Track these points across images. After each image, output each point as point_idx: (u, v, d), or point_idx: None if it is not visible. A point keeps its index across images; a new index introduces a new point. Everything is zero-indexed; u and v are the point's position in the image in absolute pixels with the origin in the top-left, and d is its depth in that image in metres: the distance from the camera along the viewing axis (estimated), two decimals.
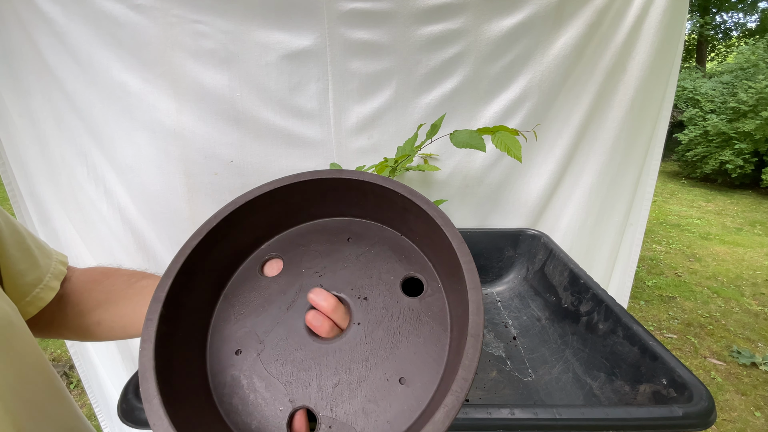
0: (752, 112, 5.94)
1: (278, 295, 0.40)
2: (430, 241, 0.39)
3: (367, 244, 0.43)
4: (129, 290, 0.50)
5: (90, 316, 0.49)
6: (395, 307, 0.38)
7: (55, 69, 0.87)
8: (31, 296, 0.43)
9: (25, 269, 0.43)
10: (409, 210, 0.39)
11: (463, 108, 0.97)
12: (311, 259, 0.42)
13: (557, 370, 0.67)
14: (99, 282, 0.51)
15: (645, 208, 1.15)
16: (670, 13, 0.91)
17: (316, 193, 0.43)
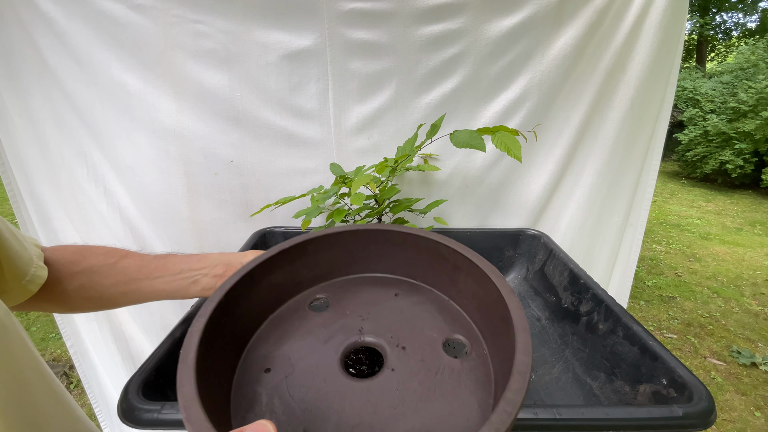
0: (752, 112, 5.94)
1: (319, 329, 0.41)
2: (478, 303, 0.40)
3: (414, 302, 0.44)
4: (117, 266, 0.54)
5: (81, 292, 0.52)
6: (434, 363, 0.37)
7: (55, 69, 0.87)
8: (30, 275, 0.45)
9: (19, 249, 0.44)
10: (459, 267, 0.41)
11: (463, 108, 0.97)
12: (358, 304, 0.44)
13: (557, 370, 0.67)
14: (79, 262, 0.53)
15: (645, 208, 1.15)
16: (670, 13, 0.91)
17: (375, 244, 0.47)
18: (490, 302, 0.37)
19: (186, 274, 0.58)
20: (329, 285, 0.48)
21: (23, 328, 0.44)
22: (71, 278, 0.52)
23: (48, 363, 2.29)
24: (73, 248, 0.55)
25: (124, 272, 0.55)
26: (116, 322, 1.11)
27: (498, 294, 0.35)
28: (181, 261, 0.59)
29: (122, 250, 0.57)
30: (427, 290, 0.46)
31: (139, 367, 0.51)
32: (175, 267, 0.58)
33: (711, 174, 6.49)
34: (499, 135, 0.57)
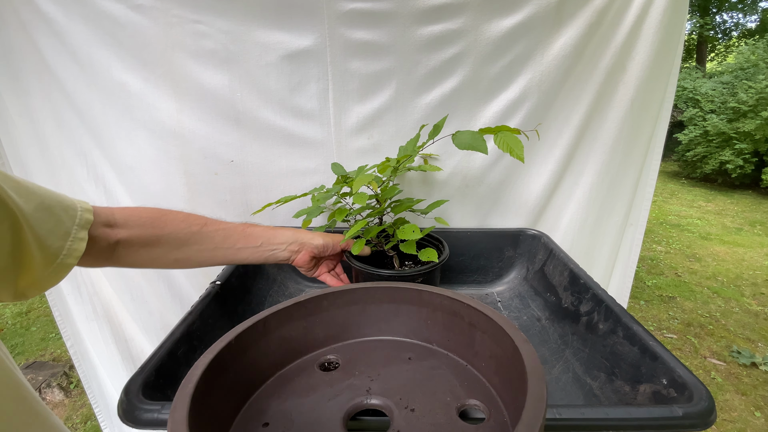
0: (752, 112, 5.94)
1: (325, 387, 0.41)
2: (497, 363, 0.38)
3: (428, 366, 0.42)
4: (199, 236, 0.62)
5: (168, 256, 0.60)
6: (447, 428, 0.34)
7: (55, 69, 0.87)
8: (66, 249, 0.46)
9: (52, 227, 0.44)
10: (475, 325, 0.40)
11: (463, 108, 0.97)
12: (368, 366, 0.43)
13: (557, 370, 0.67)
14: (162, 227, 0.59)
15: (645, 208, 1.15)
16: (670, 13, 0.91)
17: (390, 303, 0.46)
18: (507, 360, 0.35)
19: (266, 247, 0.68)
20: (341, 346, 0.47)
21: (6, 350, 0.44)
22: (152, 243, 0.57)
23: (48, 363, 2.29)
24: (150, 211, 0.60)
25: (211, 240, 0.63)
26: (116, 322, 1.11)
27: (514, 347, 0.34)
28: (260, 234, 0.68)
29: (198, 216, 0.64)
30: (443, 354, 0.44)
31: (140, 367, 0.51)
32: (257, 240, 0.67)
33: (711, 174, 6.49)
34: (501, 135, 0.57)
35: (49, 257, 0.44)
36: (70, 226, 0.47)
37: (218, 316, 0.70)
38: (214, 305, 0.70)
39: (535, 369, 0.31)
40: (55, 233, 0.45)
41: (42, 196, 0.44)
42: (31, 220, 0.41)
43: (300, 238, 0.71)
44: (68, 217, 0.47)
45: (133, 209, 0.59)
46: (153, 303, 1.08)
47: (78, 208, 0.49)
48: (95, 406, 1.25)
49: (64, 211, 0.46)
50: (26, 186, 0.43)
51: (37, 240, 0.42)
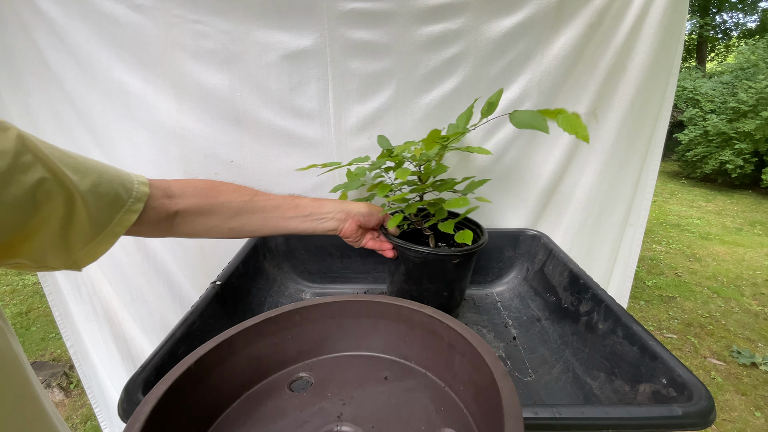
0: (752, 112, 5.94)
1: (294, 412, 0.38)
2: (475, 390, 0.36)
3: (405, 387, 0.40)
4: (251, 205, 0.65)
5: (223, 225, 0.63)
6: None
7: (55, 69, 0.87)
8: (117, 219, 0.49)
9: (109, 200, 0.48)
10: (455, 347, 0.38)
11: (463, 108, 0.96)
12: (342, 386, 0.40)
13: (557, 370, 0.67)
14: (216, 196, 0.63)
15: (645, 208, 1.15)
16: (670, 13, 0.91)
17: (367, 317, 0.44)
18: (486, 388, 0.33)
19: (314, 217, 0.70)
20: (315, 363, 0.44)
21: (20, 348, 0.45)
22: (207, 212, 0.61)
23: (48, 363, 2.29)
24: (204, 182, 0.64)
25: (262, 209, 0.66)
26: (116, 322, 1.11)
27: (492, 378, 0.31)
28: (308, 204, 0.71)
29: (248, 188, 0.68)
30: (420, 374, 0.42)
31: (140, 367, 0.51)
32: (305, 210, 0.70)
33: (711, 174, 6.49)
34: (564, 117, 0.54)
35: (100, 227, 0.48)
36: (126, 198, 0.50)
37: (218, 316, 0.70)
38: (215, 305, 0.70)
39: (512, 408, 0.28)
40: (111, 206, 0.49)
41: (100, 171, 0.48)
42: (87, 195, 0.45)
43: (345, 208, 0.73)
44: (125, 190, 0.51)
45: (188, 180, 0.63)
46: (153, 303, 1.08)
47: (135, 181, 0.53)
48: (95, 406, 1.25)
49: (120, 184, 0.50)
50: (84, 162, 0.47)
51: (91, 213, 0.46)
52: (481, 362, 0.34)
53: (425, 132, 0.98)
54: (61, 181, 0.42)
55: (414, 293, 0.74)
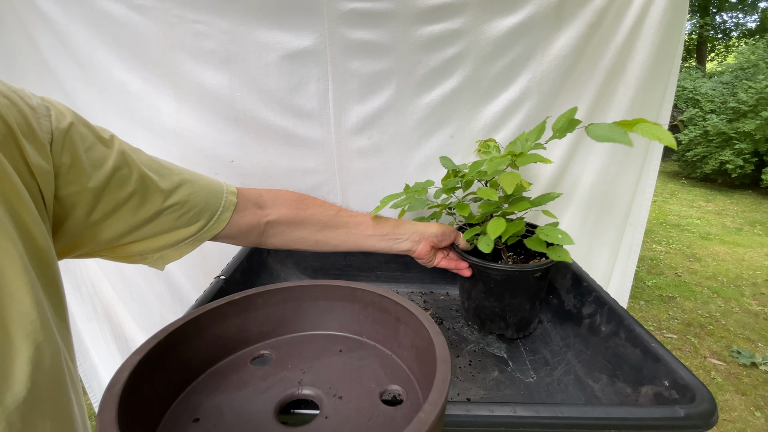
0: (752, 112, 5.94)
1: (258, 381, 0.41)
2: (416, 352, 0.42)
3: (357, 357, 0.46)
4: (336, 220, 0.68)
5: (311, 237, 0.66)
6: (369, 411, 0.38)
7: (55, 69, 0.87)
8: (207, 227, 0.54)
9: (198, 209, 0.52)
10: (400, 319, 0.44)
11: (463, 108, 0.97)
12: (301, 359, 0.45)
13: (559, 371, 0.67)
14: (305, 209, 0.66)
15: (645, 208, 1.15)
16: (670, 13, 0.91)
17: (324, 300, 0.49)
18: (424, 349, 0.39)
19: (391, 236, 0.73)
20: (275, 342, 0.48)
21: None
22: (298, 223, 0.64)
23: None
24: (293, 194, 0.67)
25: (345, 225, 0.69)
26: (116, 322, 1.11)
27: (429, 339, 0.38)
28: (385, 224, 0.73)
29: (331, 203, 0.70)
30: (371, 346, 0.47)
31: None
32: (383, 229, 0.73)
33: (711, 174, 6.49)
34: (643, 126, 0.53)
35: (188, 233, 0.52)
36: (216, 207, 0.54)
37: None
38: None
39: (443, 356, 0.35)
40: (200, 213, 0.52)
41: (191, 180, 0.52)
42: (176, 203, 0.49)
43: (420, 230, 0.75)
44: (215, 199, 0.54)
45: (278, 191, 0.65)
46: (153, 303, 1.08)
47: (224, 190, 0.56)
48: (95, 406, 1.25)
49: (211, 193, 0.54)
50: (180, 173, 0.51)
51: (178, 220, 0.50)
52: (421, 327, 0.40)
53: (425, 132, 0.98)
54: (152, 192, 0.46)
55: (496, 309, 0.75)
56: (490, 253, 0.78)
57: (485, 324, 0.78)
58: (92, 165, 0.41)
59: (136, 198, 0.45)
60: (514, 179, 0.60)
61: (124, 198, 0.44)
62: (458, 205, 0.76)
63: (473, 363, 0.70)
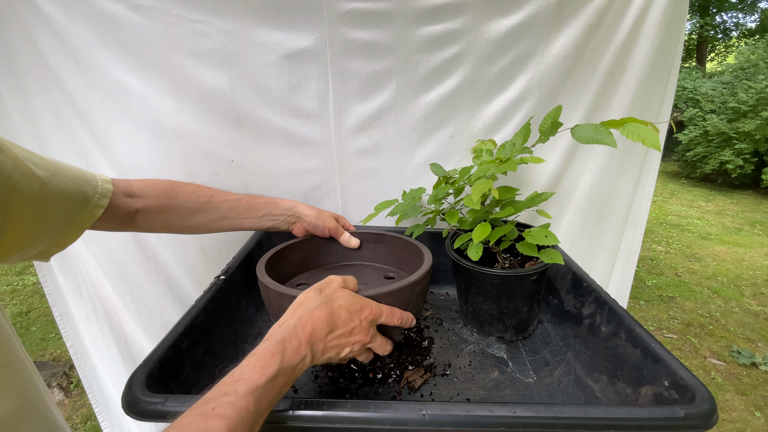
0: (752, 112, 5.94)
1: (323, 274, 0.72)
2: (409, 266, 0.74)
3: (380, 270, 0.83)
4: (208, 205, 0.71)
5: (181, 222, 0.69)
6: (378, 283, 0.77)
7: (55, 69, 0.87)
8: (83, 214, 0.53)
9: (75, 196, 0.52)
10: (412, 251, 0.76)
11: (463, 108, 0.97)
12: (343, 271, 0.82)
13: (559, 372, 0.67)
14: (174, 197, 0.68)
15: (645, 208, 1.15)
16: (670, 13, 0.91)
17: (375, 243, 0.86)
18: (416, 262, 0.71)
19: (268, 217, 0.78)
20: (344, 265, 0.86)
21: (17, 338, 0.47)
22: (166, 210, 0.66)
23: (48, 363, 2.29)
24: (164, 183, 0.68)
25: (218, 210, 0.72)
26: (116, 322, 1.11)
27: (422, 257, 0.70)
28: (262, 206, 0.77)
29: (207, 188, 0.72)
30: (390, 269, 0.83)
31: (144, 360, 0.51)
32: (259, 211, 0.77)
33: (711, 174, 6.49)
34: (630, 126, 0.52)
35: (68, 220, 0.52)
36: (92, 195, 0.54)
37: (222, 310, 0.70)
38: (218, 299, 0.70)
39: (427, 261, 0.67)
40: (78, 201, 0.52)
41: (66, 169, 0.51)
42: (53, 190, 0.48)
43: (297, 211, 0.80)
44: (90, 187, 0.54)
45: (149, 181, 0.66)
46: (153, 303, 1.08)
47: (98, 179, 0.56)
48: (95, 406, 1.25)
49: (86, 182, 0.54)
50: (52, 162, 0.49)
51: (58, 207, 0.49)
52: (420, 253, 0.72)
53: (425, 132, 0.98)
54: (28, 177, 0.44)
55: (494, 311, 0.74)
56: (488, 257, 0.80)
57: (484, 327, 0.78)
58: None
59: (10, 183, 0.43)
60: (483, 187, 0.59)
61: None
62: (448, 213, 0.76)
63: (473, 363, 0.70)
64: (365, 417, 0.43)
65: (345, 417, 0.43)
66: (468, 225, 0.75)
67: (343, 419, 0.43)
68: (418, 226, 0.81)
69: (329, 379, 0.66)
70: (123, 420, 1.24)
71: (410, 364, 0.69)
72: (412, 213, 0.81)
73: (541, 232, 0.65)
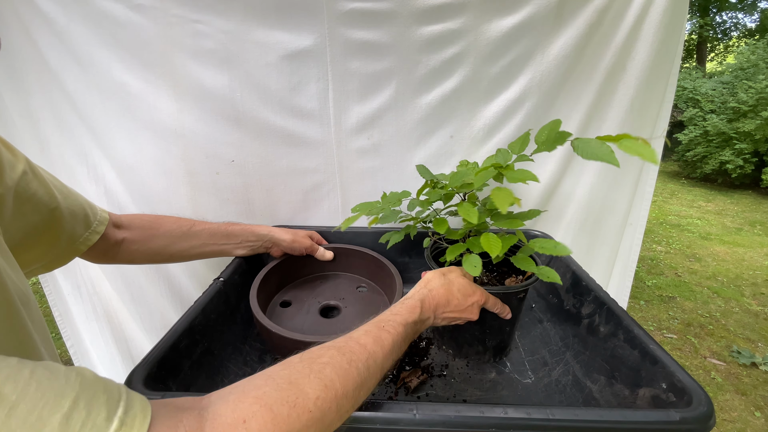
0: (752, 112, 5.93)
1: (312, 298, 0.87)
2: (384, 284, 0.89)
3: (356, 284, 0.93)
4: (189, 233, 0.75)
5: (164, 251, 0.72)
6: (353, 296, 0.87)
7: (55, 69, 0.87)
8: (83, 237, 0.57)
9: (80, 220, 0.56)
10: (381, 267, 0.89)
11: (463, 108, 0.97)
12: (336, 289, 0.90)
13: (557, 372, 0.67)
14: (158, 227, 0.71)
15: (645, 208, 1.15)
16: (670, 13, 0.91)
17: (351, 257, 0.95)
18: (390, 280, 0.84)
19: (245, 243, 0.83)
20: (323, 275, 0.95)
21: None
22: (150, 240, 0.70)
23: None
24: (149, 216, 0.73)
25: (198, 237, 0.76)
26: (116, 322, 1.11)
27: (392, 276, 0.83)
28: (239, 233, 0.82)
29: (187, 219, 0.76)
30: (370, 283, 0.93)
31: (143, 359, 0.52)
32: (236, 237, 0.81)
33: (711, 174, 6.48)
34: (626, 142, 0.51)
35: (70, 241, 0.55)
36: (93, 220, 0.59)
37: (220, 311, 0.70)
38: (217, 301, 0.70)
39: (399, 283, 0.80)
40: (81, 223, 0.56)
41: (74, 194, 0.56)
42: (66, 213, 0.52)
43: (273, 237, 0.85)
44: (92, 213, 0.59)
45: (135, 215, 0.71)
46: (153, 303, 1.08)
47: (98, 209, 0.62)
48: None
49: (90, 209, 0.59)
50: (65, 186, 0.55)
51: (67, 229, 0.53)
52: (391, 276, 0.84)
53: (425, 132, 0.98)
54: (50, 196, 0.50)
55: (476, 332, 0.69)
56: None
57: (462, 348, 0.72)
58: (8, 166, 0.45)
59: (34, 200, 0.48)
60: (508, 197, 0.53)
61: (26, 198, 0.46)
62: (436, 221, 0.68)
63: (470, 364, 0.70)
64: (356, 416, 0.43)
65: None
66: (458, 235, 0.69)
67: None
68: (396, 233, 0.75)
69: None
70: None
71: (407, 364, 0.69)
72: (391, 217, 0.72)
73: (550, 242, 0.61)
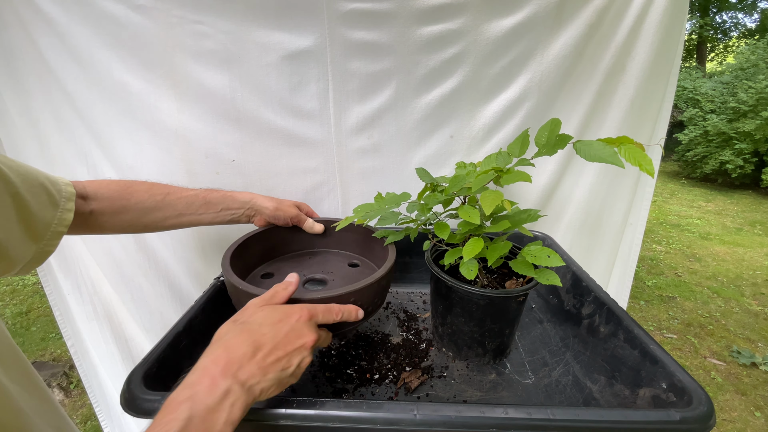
0: (752, 112, 5.93)
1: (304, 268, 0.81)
2: (376, 257, 0.79)
3: (351, 258, 0.84)
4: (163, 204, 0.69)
5: (137, 222, 0.68)
6: (343, 272, 0.79)
7: (56, 69, 0.87)
8: (57, 219, 0.52)
9: (45, 200, 0.50)
10: (376, 242, 0.77)
11: (463, 108, 0.97)
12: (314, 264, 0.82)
13: (557, 372, 0.67)
14: (128, 197, 0.66)
15: (645, 208, 1.15)
16: (670, 13, 0.91)
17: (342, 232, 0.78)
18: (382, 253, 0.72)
19: (226, 212, 0.76)
20: (315, 252, 0.87)
21: None
22: (120, 211, 0.65)
23: (48, 363, 2.29)
24: (117, 184, 0.66)
25: (173, 207, 0.70)
26: (116, 322, 1.11)
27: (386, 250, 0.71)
28: (219, 201, 0.75)
29: (162, 185, 0.71)
30: (364, 260, 0.83)
31: (143, 359, 0.52)
32: (216, 206, 0.75)
33: (711, 174, 6.48)
34: (627, 148, 0.50)
35: (44, 227, 0.50)
36: (59, 198, 0.53)
37: (221, 311, 0.70)
38: (217, 300, 0.70)
39: (391, 257, 0.68)
40: (48, 205, 0.51)
41: (32, 172, 0.49)
42: (27, 195, 0.47)
43: (255, 204, 0.78)
44: (56, 190, 0.53)
45: (101, 182, 0.65)
46: (153, 303, 1.08)
47: (61, 182, 0.55)
48: (96, 405, 1.25)
49: (52, 185, 0.52)
50: (17, 163, 0.48)
51: (34, 212, 0.48)
52: (387, 250, 0.71)
53: (425, 132, 0.98)
54: (5, 177, 0.44)
55: (476, 334, 0.68)
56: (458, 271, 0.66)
57: (462, 350, 0.71)
58: None
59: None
60: (496, 199, 0.53)
61: None
62: (437, 225, 0.67)
63: (470, 365, 0.70)
64: (357, 416, 0.43)
65: (337, 416, 0.43)
66: (458, 239, 0.68)
67: (335, 418, 0.43)
68: (394, 233, 0.73)
69: (327, 379, 0.66)
70: (123, 419, 1.24)
71: (407, 365, 0.69)
72: (390, 219, 0.72)
73: (542, 252, 0.59)
